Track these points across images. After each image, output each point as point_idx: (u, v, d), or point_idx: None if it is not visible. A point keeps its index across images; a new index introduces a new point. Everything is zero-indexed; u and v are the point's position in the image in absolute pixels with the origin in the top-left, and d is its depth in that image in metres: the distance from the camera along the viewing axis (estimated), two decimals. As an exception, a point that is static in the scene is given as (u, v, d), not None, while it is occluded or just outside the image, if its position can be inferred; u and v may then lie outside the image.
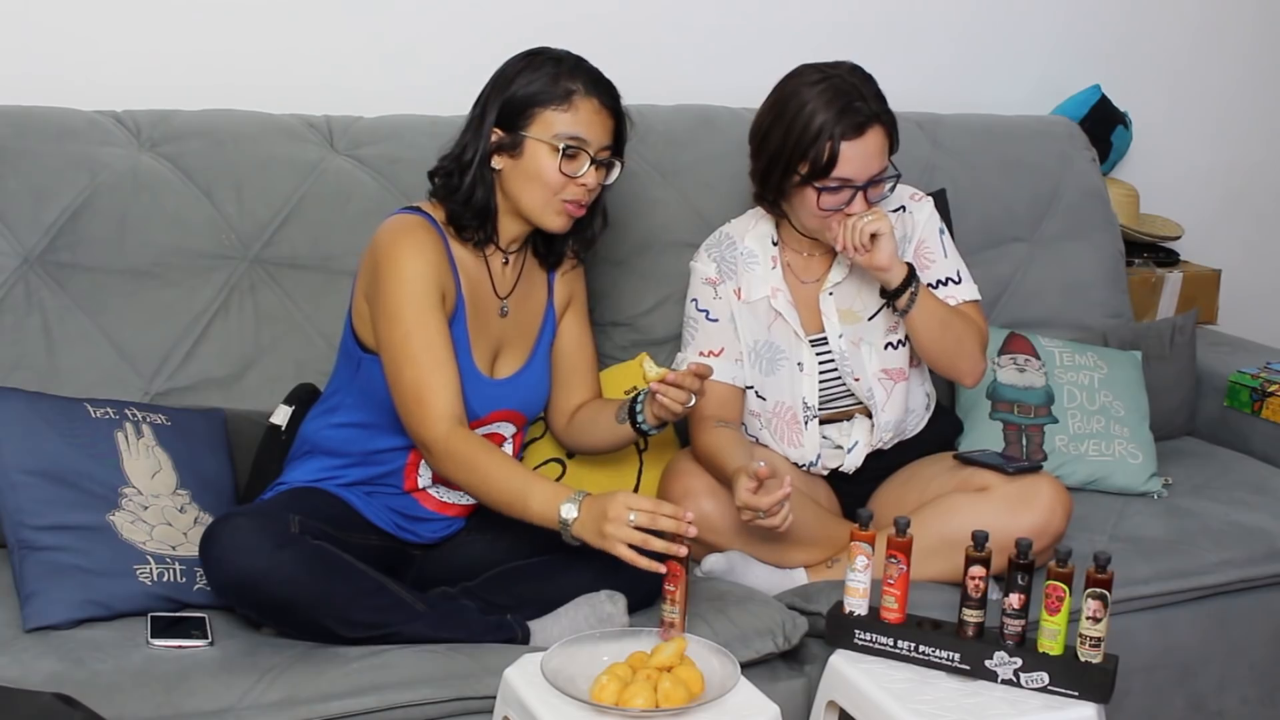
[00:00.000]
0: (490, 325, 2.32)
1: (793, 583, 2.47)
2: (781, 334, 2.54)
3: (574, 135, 2.22)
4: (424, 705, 2.03)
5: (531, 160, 2.23)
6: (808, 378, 2.54)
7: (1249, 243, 3.93)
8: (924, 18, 3.41)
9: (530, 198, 2.25)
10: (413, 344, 2.17)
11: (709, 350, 2.55)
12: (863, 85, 2.40)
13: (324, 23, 2.85)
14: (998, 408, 2.88)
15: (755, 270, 2.55)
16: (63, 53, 2.68)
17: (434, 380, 2.16)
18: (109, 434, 2.26)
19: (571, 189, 2.25)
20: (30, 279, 2.43)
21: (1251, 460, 3.07)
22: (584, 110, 2.23)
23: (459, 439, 2.15)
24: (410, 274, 2.19)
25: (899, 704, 2.02)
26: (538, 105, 2.23)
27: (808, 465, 2.57)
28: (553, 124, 2.22)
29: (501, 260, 2.34)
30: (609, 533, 2.03)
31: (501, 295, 2.34)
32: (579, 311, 2.48)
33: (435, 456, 2.18)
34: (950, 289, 2.57)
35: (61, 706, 1.73)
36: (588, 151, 2.24)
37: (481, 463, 2.14)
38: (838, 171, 2.37)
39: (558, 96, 2.22)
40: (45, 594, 2.11)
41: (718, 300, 2.56)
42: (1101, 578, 2.04)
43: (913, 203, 2.59)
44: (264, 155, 2.62)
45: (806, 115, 2.37)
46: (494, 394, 2.31)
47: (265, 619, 2.12)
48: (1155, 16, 3.69)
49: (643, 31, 3.13)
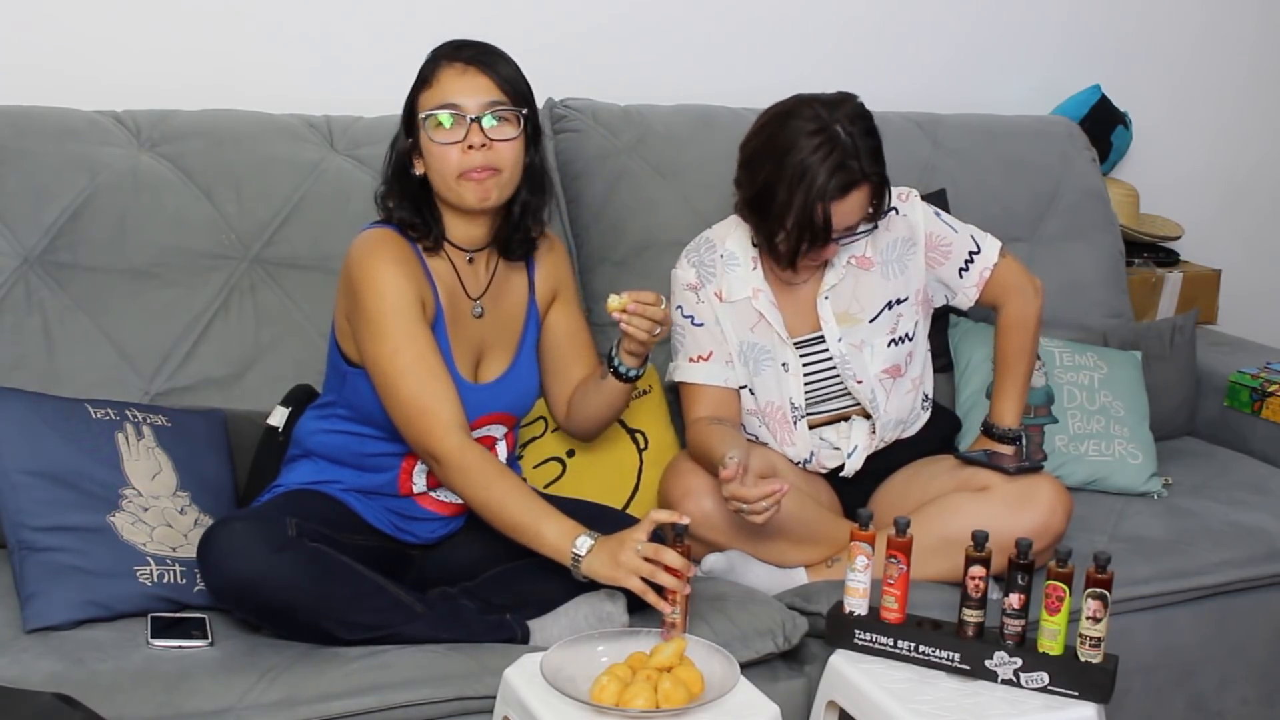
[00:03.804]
0: (467, 329, 2.30)
1: (793, 582, 2.47)
2: (764, 335, 2.54)
3: (441, 104, 2.18)
4: (424, 705, 2.03)
5: (427, 152, 2.21)
6: (793, 378, 2.54)
7: (1249, 243, 3.94)
8: (924, 18, 3.42)
9: (441, 187, 2.23)
10: (403, 358, 2.16)
11: (698, 355, 2.54)
12: (860, 140, 2.35)
13: (324, 23, 2.86)
14: (998, 408, 2.88)
15: (736, 271, 2.54)
16: (63, 52, 2.68)
17: (433, 391, 2.15)
18: (109, 435, 2.26)
19: (462, 157, 2.18)
20: (30, 279, 2.44)
21: (1251, 460, 3.07)
22: (446, 77, 2.20)
23: (474, 453, 2.15)
24: (389, 288, 2.17)
25: (899, 704, 2.02)
26: (415, 95, 2.23)
27: (802, 462, 2.57)
28: (426, 104, 2.21)
29: (465, 259, 2.32)
30: (623, 561, 2.04)
31: (474, 296, 2.33)
32: (567, 300, 2.45)
33: (449, 469, 2.16)
34: (977, 261, 2.60)
35: (61, 706, 1.73)
36: (462, 114, 2.18)
37: (496, 484, 2.14)
38: (825, 228, 2.37)
39: (424, 78, 2.22)
40: (45, 595, 2.11)
41: (701, 305, 2.55)
42: (1101, 578, 2.04)
43: (901, 203, 2.57)
44: (264, 155, 2.62)
45: (799, 168, 2.33)
46: (480, 399, 2.29)
47: (264, 622, 2.12)
48: (1155, 16, 3.70)
49: (643, 31, 3.13)
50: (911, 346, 2.60)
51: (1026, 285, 2.65)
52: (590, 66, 3.03)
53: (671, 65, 3.15)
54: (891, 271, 2.56)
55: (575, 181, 2.88)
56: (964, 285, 2.63)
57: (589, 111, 2.93)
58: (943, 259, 2.60)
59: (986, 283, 2.62)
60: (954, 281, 2.62)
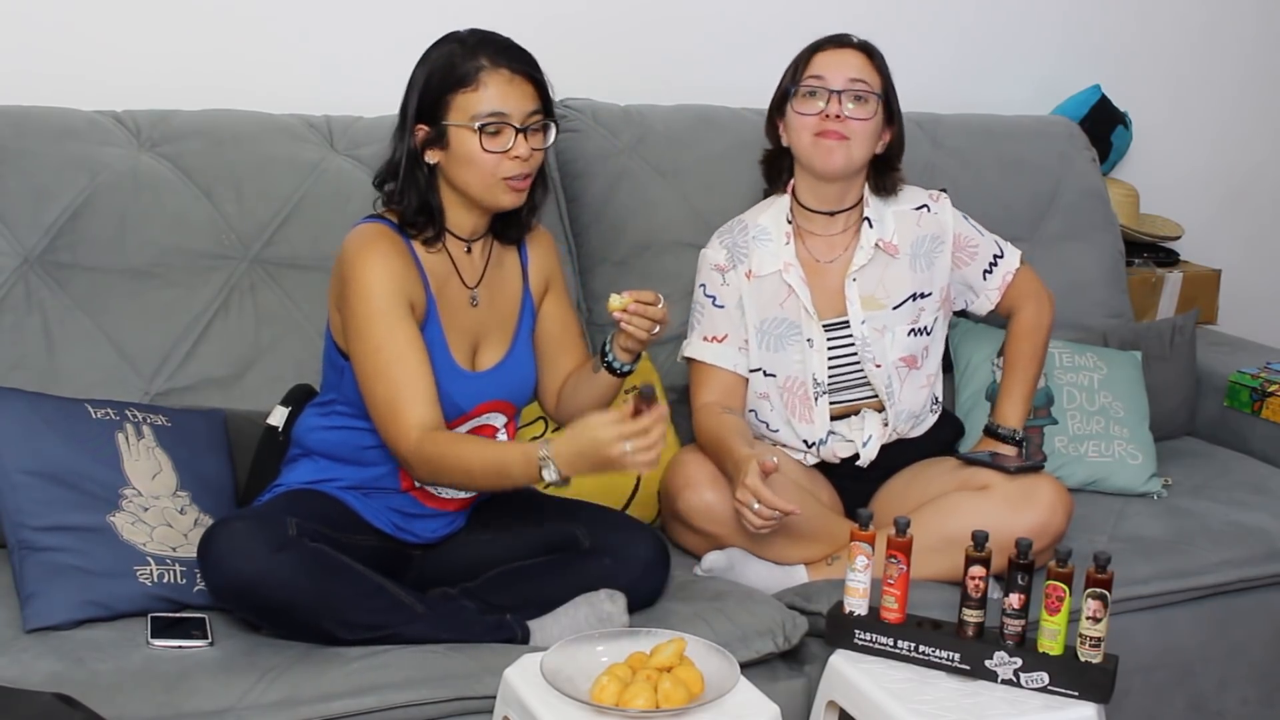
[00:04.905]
0: (463, 318, 2.31)
1: (793, 580, 2.47)
2: (793, 310, 2.56)
3: (491, 112, 2.19)
4: (424, 705, 2.03)
5: (460, 147, 2.21)
6: (817, 354, 2.56)
7: (1249, 243, 3.94)
8: (924, 18, 3.42)
9: (473, 184, 2.23)
10: (383, 357, 2.17)
11: (713, 335, 2.57)
12: (863, 40, 2.57)
13: (324, 23, 2.85)
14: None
15: (768, 246, 2.58)
16: (63, 52, 2.68)
17: (406, 393, 2.16)
18: (110, 435, 2.26)
19: (506, 165, 2.21)
20: (30, 279, 2.44)
21: (1251, 460, 3.07)
22: (494, 84, 2.19)
23: (429, 443, 2.15)
24: (375, 287, 2.18)
25: (899, 704, 2.02)
26: (449, 92, 2.20)
27: (817, 443, 2.58)
28: (467, 107, 2.19)
29: (464, 249, 2.32)
30: (615, 455, 2.02)
31: (470, 285, 2.33)
32: (558, 292, 2.46)
33: (412, 465, 2.18)
34: (1000, 265, 2.69)
35: (61, 706, 1.73)
36: (511, 124, 2.20)
37: (453, 456, 2.14)
38: (811, 70, 2.50)
39: (465, 78, 2.19)
40: (45, 595, 2.11)
41: (725, 287, 2.57)
42: (1101, 578, 2.04)
43: (934, 202, 2.65)
44: (264, 155, 2.62)
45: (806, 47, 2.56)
46: (478, 387, 2.29)
47: (264, 622, 2.12)
48: (1155, 17, 3.70)
49: (643, 31, 3.13)
50: (929, 341, 2.62)
51: (1042, 294, 2.73)
52: (590, 66, 3.03)
53: (671, 65, 3.15)
54: (919, 265, 2.61)
55: (575, 181, 2.88)
56: (987, 288, 2.69)
57: (589, 111, 2.93)
58: (969, 259, 2.66)
59: (1008, 288, 2.68)
60: (977, 283, 2.68)
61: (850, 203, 2.59)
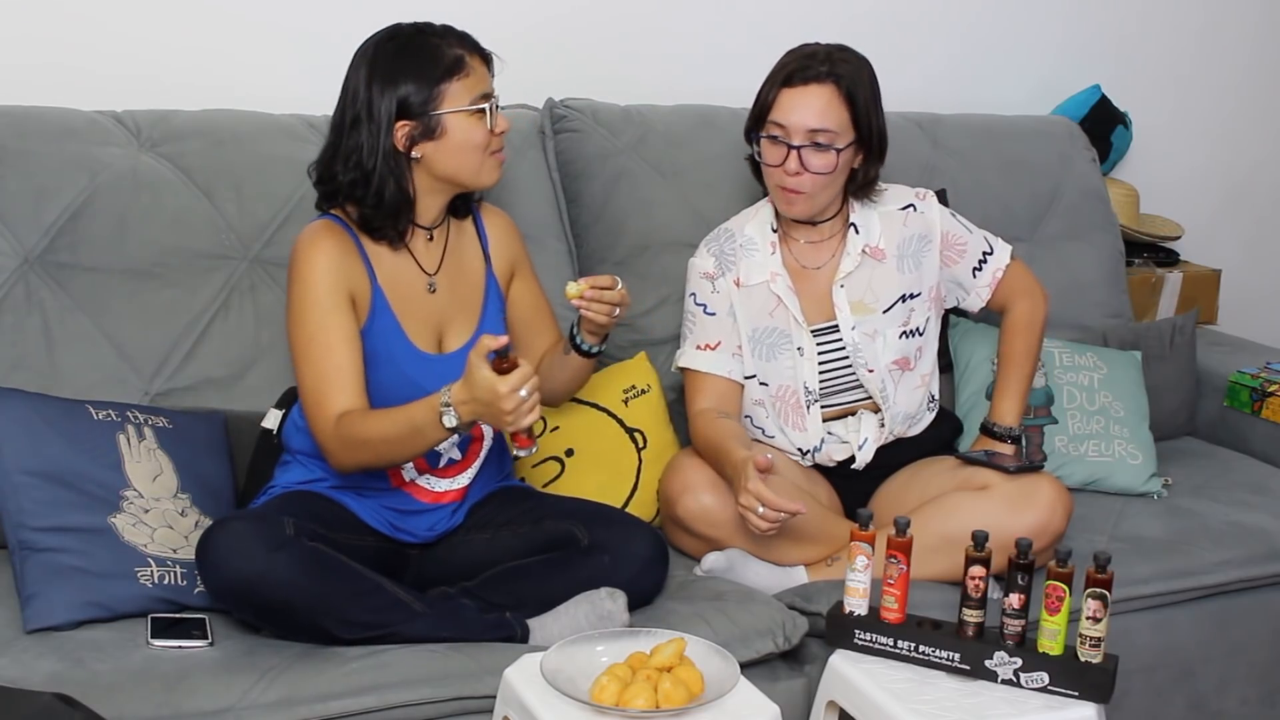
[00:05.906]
0: (422, 306, 2.33)
1: (792, 581, 2.47)
2: (782, 319, 2.56)
3: (483, 93, 2.28)
4: (424, 705, 2.03)
5: (457, 133, 2.26)
6: (807, 362, 2.55)
7: (1249, 243, 3.93)
8: (924, 18, 3.42)
9: (465, 167, 2.29)
10: (314, 347, 2.21)
11: (706, 344, 2.57)
12: (836, 54, 2.48)
13: (323, 23, 2.85)
14: (998, 408, 2.87)
15: (754, 256, 2.57)
16: (63, 53, 2.68)
17: (333, 382, 2.19)
18: (110, 436, 2.26)
19: (494, 141, 2.31)
20: (30, 279, 2.44)
21: (1251, 460, 3.07)
22: (476, 68, 2.28)
23: (344, 424, 2.17)
24: (313, 278, 2.22)
25: (899, 704, 2.02)
26: (439, 83, 2.25)
27: (812, 450, 2.58)
28: (461, 93, 2.26)
29: (426, 238, 2.36)
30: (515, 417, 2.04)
31: (430, 272, 2.35)
32: (525, 275, 2.50)
33: (330, 453, 2.21)
34: (990, 261, 2.67)
35: (61, 706, 1.73)
36: (492, 100, 2.30)
37: (368, 429, 2.16)
38: (774, 114, 2.47)
39: (455, 66, 2.26)
40: (46, 595, 2.11)
41: (715, 294, 2.57)
42: (1101, 578, 2.04)
43: (920, 201, 2.63)
44: (264, 155, 2.62)
45: (775, 67, 2.51)
46: (444, 369, 2.28)
47: (263, 622, 2.12)
48: (1155, 17, 3.70)
49: (643, 32, 3.13)
50: (922, 341, 2.62)
51: (1035, 289, 2.72)
52: (590, 66, 3.03)
53: (671, 65, 3.15)
54: (907, 266, 2.60)
55: (575, 181, 2.88)
56: (977, 285, 2.67)
57: (589, 111, 2.92)
58: (957, 257, 2.65)
59: (999, 284, 2.67)
60: (967, 281, 2.67)
61: (831, 214, 2.59)
